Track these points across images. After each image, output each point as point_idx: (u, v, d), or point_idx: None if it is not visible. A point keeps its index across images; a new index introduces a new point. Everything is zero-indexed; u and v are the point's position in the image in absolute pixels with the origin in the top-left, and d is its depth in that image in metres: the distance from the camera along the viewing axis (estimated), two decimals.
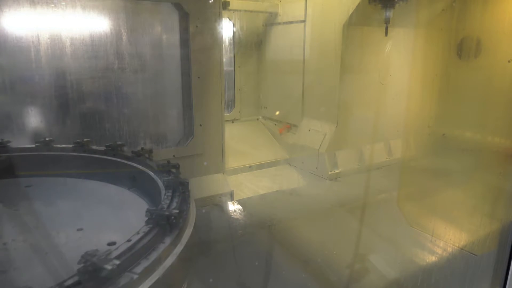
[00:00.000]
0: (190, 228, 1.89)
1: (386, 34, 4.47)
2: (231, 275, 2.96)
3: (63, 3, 3.49)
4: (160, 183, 2.22)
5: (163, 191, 2.10)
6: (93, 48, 3.69)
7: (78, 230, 2.03)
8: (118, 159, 2.72)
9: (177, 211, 1.82)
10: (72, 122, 3.76)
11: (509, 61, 4.72)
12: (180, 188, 2.11)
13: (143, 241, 1.61)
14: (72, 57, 3.61)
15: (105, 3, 3.68)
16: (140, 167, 2.56)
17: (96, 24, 3.69)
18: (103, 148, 2.83)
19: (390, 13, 4.31)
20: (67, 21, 3.53)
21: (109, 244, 1.83)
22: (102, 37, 3.71)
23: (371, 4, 4.42)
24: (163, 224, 1.74)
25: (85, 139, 2.88)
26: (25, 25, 3.39)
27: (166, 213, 1.77)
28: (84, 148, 2.83)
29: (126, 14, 3.79)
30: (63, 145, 2.93)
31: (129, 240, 1.58)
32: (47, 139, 2.91)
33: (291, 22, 5.49)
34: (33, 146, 2.89)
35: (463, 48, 5.31)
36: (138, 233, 1.65)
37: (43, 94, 3.58)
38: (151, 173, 2.41)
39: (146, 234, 1.65)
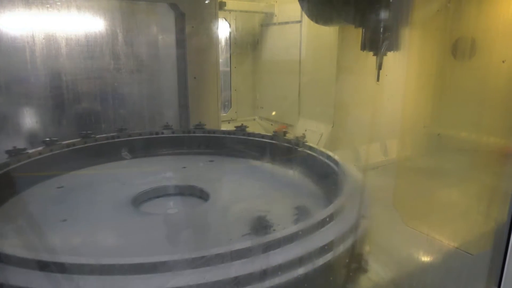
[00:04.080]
0: None
1: (378, 79, 4.30)
2: None
3: (59, 3, 3.47)
4: None
5: None
6: (88, 48, 3.67)
7: None
8: None
9: None
10: (68, 122, 3.75)
11: (503, 62, 4.75)
12: None
13: None
14: (67, 57, 3.60)
15: (100, 4, 3.66)
16: None
17: (91, 25, 3.67)
18: None
19: (382, 60, 4.22)
20: (63, 21, 3.51)
21: None
22: (98, 37, 3.70)
23: (362, 51, 4.34)
24: None
25: None
26: (21, 26, 3.37)
27: None
28: None
29: (122, 15, 3.78)
30: None
31: None
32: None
33: (287, 23, 5.50)
34: None
35: (458, 49, 5.34)
36: None
37: (39, 95, 3.56)
38: None
39: None
